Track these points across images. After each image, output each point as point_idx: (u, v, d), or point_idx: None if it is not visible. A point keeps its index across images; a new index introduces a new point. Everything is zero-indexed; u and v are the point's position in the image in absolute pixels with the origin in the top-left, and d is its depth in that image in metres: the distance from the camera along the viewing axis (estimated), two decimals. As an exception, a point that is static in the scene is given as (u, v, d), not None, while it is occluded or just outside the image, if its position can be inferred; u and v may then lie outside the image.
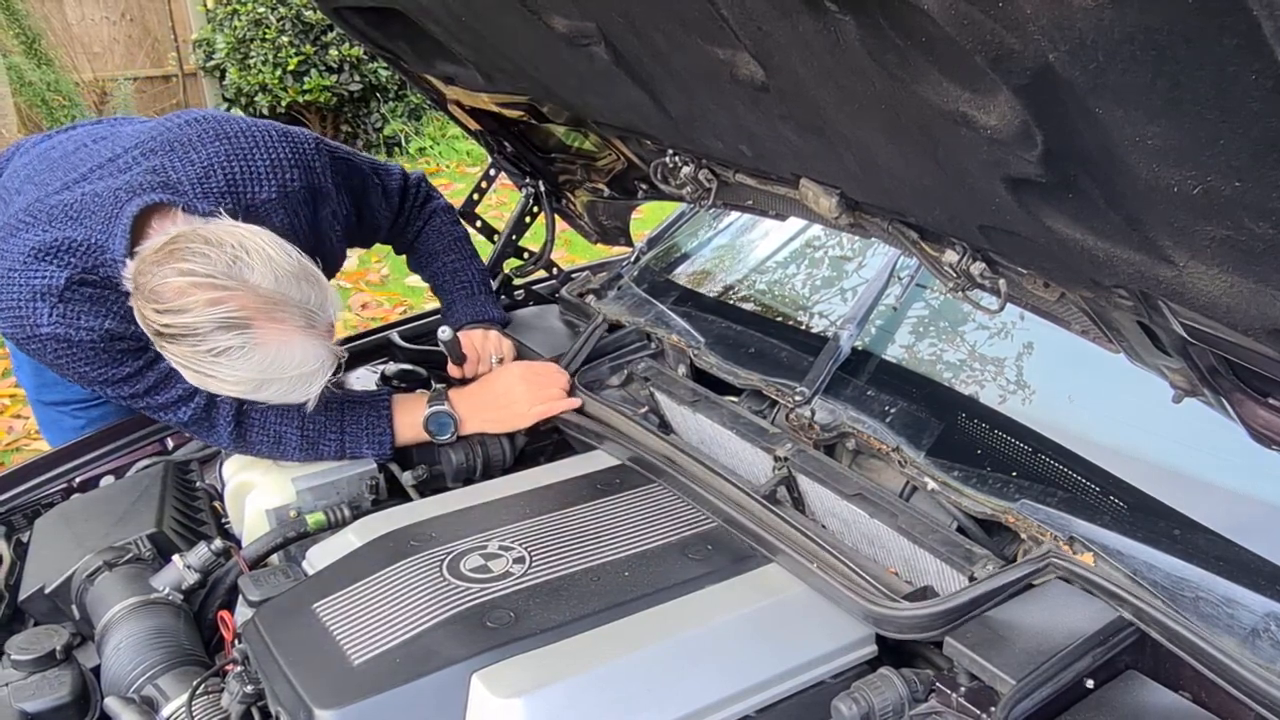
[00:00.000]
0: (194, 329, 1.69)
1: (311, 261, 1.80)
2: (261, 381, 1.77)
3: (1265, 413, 1.27)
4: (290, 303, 1.74)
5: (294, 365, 1.77)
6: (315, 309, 1.78)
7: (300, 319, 1.76)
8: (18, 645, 1.67)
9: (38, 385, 2.54)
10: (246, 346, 1.71)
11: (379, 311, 6.01)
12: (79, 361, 1.90)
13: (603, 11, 1.47)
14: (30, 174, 2.07)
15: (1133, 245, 1.09)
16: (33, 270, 1.84)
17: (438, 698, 1.42)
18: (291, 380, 1.79)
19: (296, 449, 2.08)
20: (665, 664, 1.49)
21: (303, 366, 1.78)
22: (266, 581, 1.72)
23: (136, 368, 1.94)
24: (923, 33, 0.96)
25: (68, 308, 1.85)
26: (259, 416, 2.05)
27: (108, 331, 1.88)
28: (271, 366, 1.75)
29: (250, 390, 1.78)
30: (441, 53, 2.15)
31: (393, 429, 2.12)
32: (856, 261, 2.48)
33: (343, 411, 2.10)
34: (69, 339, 1.87)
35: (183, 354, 1.73)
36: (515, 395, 2.16)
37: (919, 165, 1.28)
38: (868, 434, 1.90)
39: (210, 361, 1.71)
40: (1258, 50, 0.72)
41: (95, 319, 1.87)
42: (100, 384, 1.95)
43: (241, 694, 1.53)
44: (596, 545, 1.73)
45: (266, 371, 1.75)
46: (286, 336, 1.74)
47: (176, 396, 1.99)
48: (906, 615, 1.52)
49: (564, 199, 2.83)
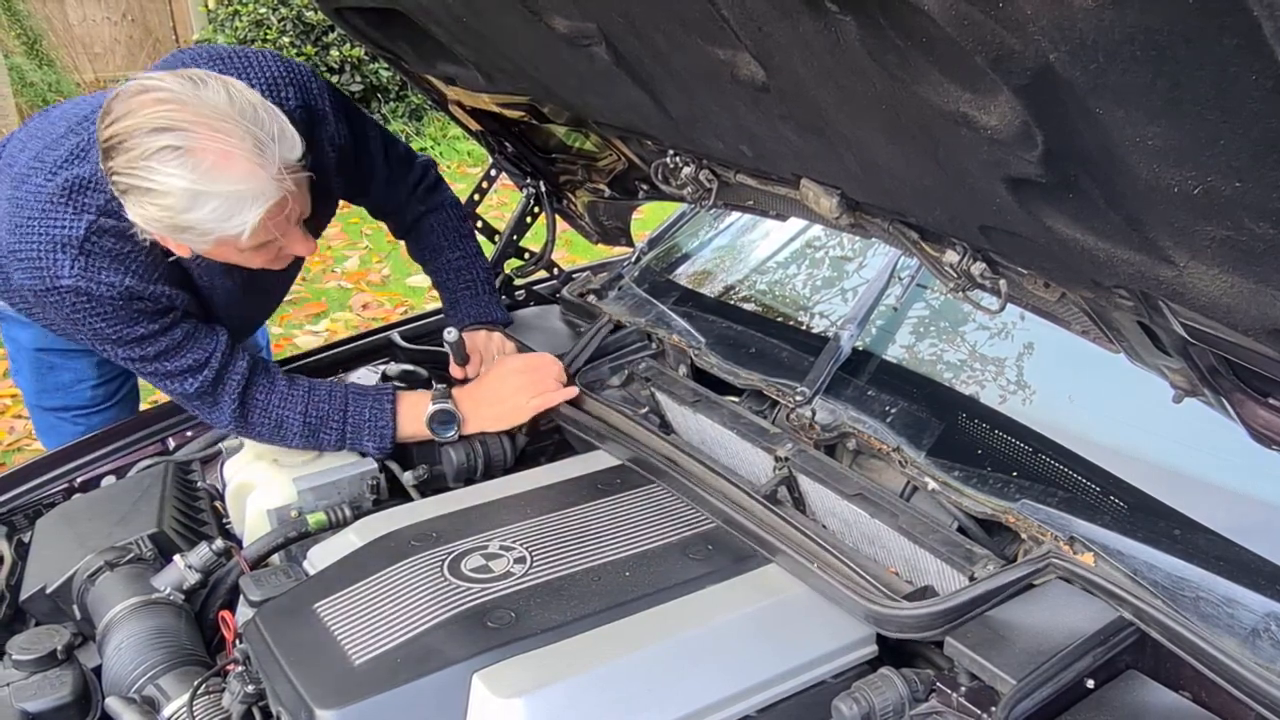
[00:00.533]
0: (133, 131, 1.66)
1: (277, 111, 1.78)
2: (196, 194, 1.69)
3: (1265, 413, 1.27)
4: (240, 122, 1.71)
5: (231, 180, 1.70)
6: (267, 138, 1.73)
7: (248, 140, 1.71)
8: (19, 645, 1.67)
9: (38, 390, 2.55)
10: (183, 150, 1.67)
11: (380, 311, 6.02)
12: (95, 317, 1.90)
13: (603, 12, 1.47)
14: (32, 132, 2.08)
15: (1133, 245, 1.09)
16: (51, 219, 1.85)
17: (439, 698, 1.42)
18: (227, 198, 1.71)
19: (298, 435, 2.09)
20: (666, 664, 1.49)
21: (240, 184, 1.71)
22: (268, 581, 1.72)
23: (150, 330, 1.95)
24: (923, 33, 0.97)
25: (89, 260, 1.85)
26: (263, 398, 2.07)
27: (127, 289, 1.89)
28: (206, 177, 1.69)
29: (184, 205, 1.71)
30: (442, 53, 2.15)
31: (395, 423, 2.12)
32: (857, 262, 2.48)
33: (346, 402, 2.11)
34: (89, 293, 1.87)
35: (121, 166, 1.69)
36: (513, 389, 2.16)
37: (919, 165, 1.28)
38: (868, 434, 1.90)
39: (143, 165, 1.67)
40: (1258, 50, 0.72)
41: (116, 274, 1.88)
42: (113, 343, 1.95)
43: (243, 694, 1.53)
44: (597, 545, 1.73)
45: (201, 183, 1.69)
46: (228, 152, 1.70)
47: (186, 366, 2.01)
48: (907, 615, 1.52)
49: (565, 199, 2.83)
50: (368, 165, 2.30)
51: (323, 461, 2.13)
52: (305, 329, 5.63)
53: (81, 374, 2.47)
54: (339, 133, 2.14)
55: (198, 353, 2.02)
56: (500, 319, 2.47)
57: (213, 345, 2.04)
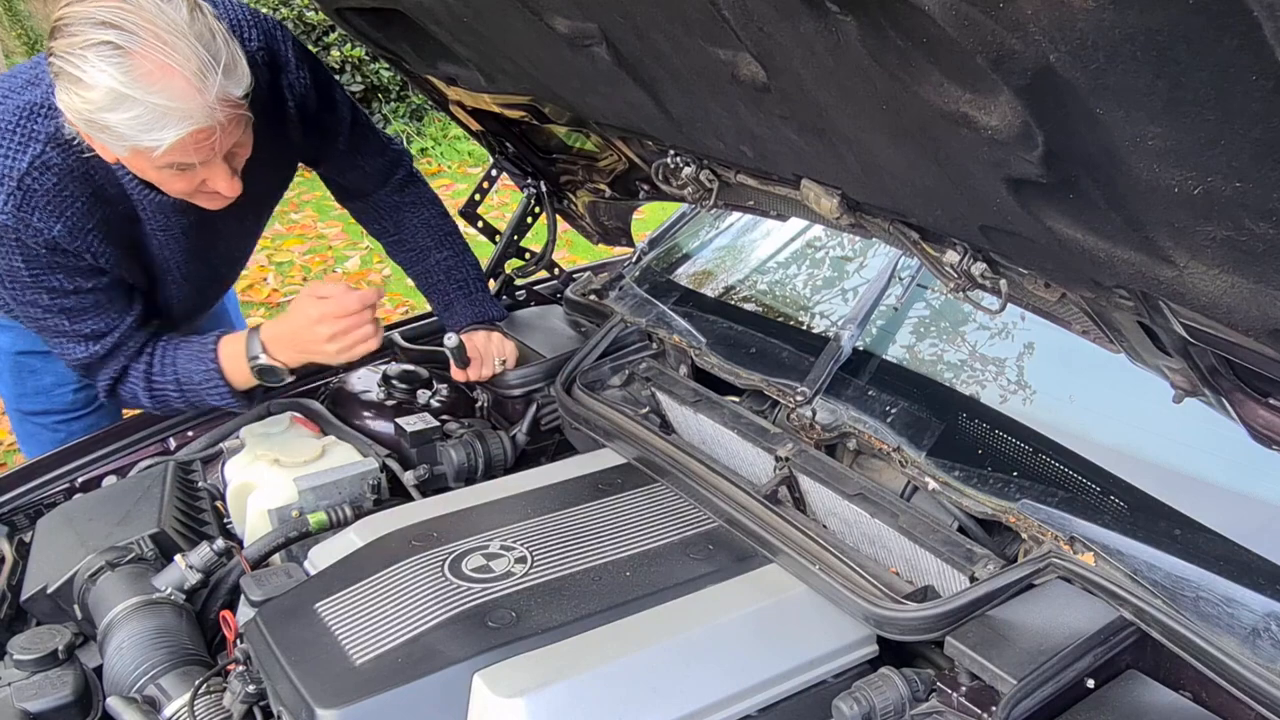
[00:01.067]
0: (80, 19, 1.66)
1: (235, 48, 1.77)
2: (121, 96, 1.68)
3: (1265, 412, 1.27)
4: (190, 42, 1.69)
5: (160, 94, 1.68)
6: (213, 64, 1.72)
7: (193, 62, 1.69)
8: (20, 645, 1.67)
9: (18, 394, 2.54)
10: (123, 52, 1.66)
11: (380, 312, 6.02)
12: (15, 255, 1.91)
13: (604, 13, 1.47)
14: None
15: (1133, 246, 1.09)
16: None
17: (440, 697, 1.43)
18: (151, 109, 1.69)
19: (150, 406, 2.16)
20: (667, 663, 1.50)
21: (168, 101, 1.70)
22: (269, 581, 1.72)
23: (63, 286, 1.96)
24: (924, 34, 0.97)
25: (24, 198, 1.85)
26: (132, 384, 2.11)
27: (54, 239, 1.90)
28: (138, 85, 1.67)
29: (106, 104, 1.69)
30: (443, 53, 2.15)
31: (226, 382, 2.11)
32: (858, 262, 2.48)
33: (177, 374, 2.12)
34: (17, 233, 1.88)
35: (60, 48, 1.68)
36: (315, 337, 2.06)
37: (920, 166, 1.28)
38: (869, 434, 1.91)
39: (79, 54, 1.66)
40: (1258, 51, 0.72)
41: (48, 219, 1.88)
42: (24, 286, 1.96)
43: (244, 693, 1.54)
44: (598, 545, 1.74)
45: (132, 87, 1.67)
46: (168, 66, 1.68)
47: (85, 332, 2.03)
48: (908, 617, 1.53)
49: (566, 199, 2.84)
50: (331, 124, 2.27)
51: (324, 461, 2.14)
52: (307, 328, 5.64)
53: (63, 378, 2.47)
54: (300, 81, 2.12)
55: (101, 323, 2.03)
56: (497, 315, 2.47)
57: (118, 320, 2.06)
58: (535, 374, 2.34)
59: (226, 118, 1.77)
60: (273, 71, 2.05)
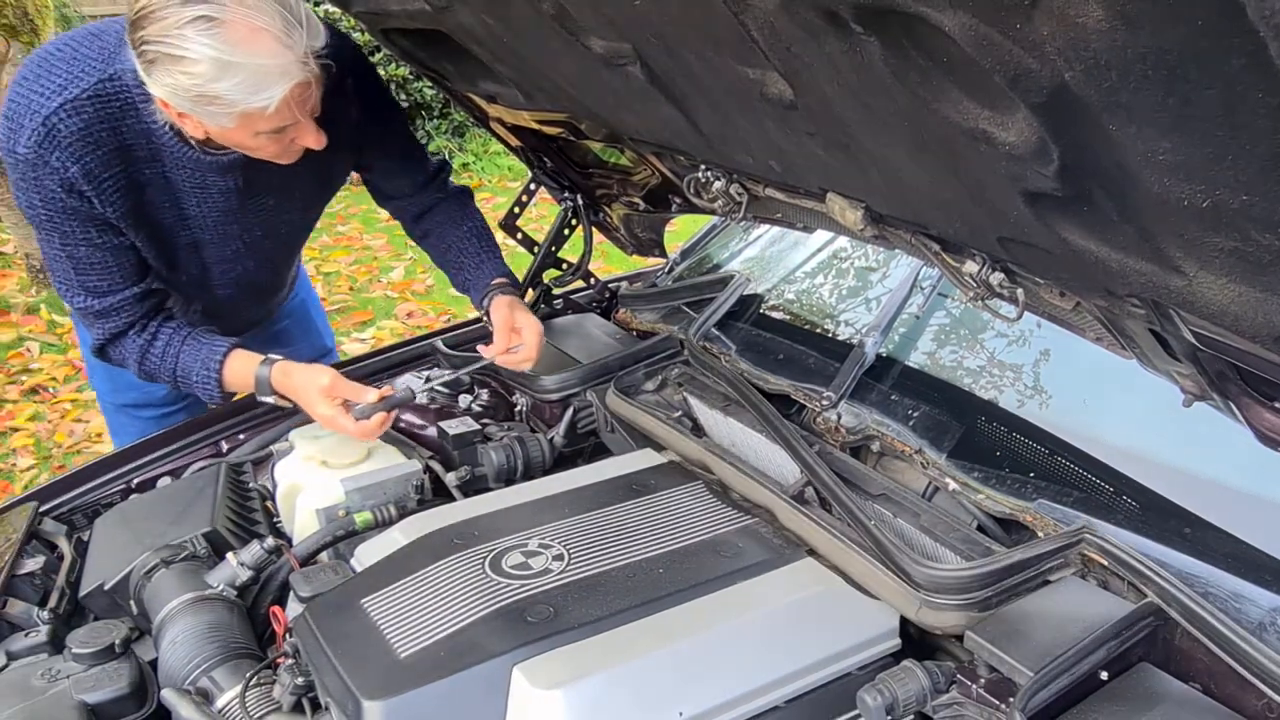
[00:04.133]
0: (167, 2, 1.70)
1: None
2: (225, 64, 1.73)
3: (1271, 416, 1.27)
4: (270, 4, 1.74)
5: (260, 55, 1.74)
6: (295, 21, 1.76)
7: (277, 20, 1.74)
8: (79, 639, 1.70)
9: (113, 389, 2.58)
10: (215, 20, 1.70)
11: (424, 320, 6.06)
12: (34, 192, 1.95)
13: (638, 33, 1.48)
14: None
15: (1145, 256, 1.10)
16: (40, 83, 1.89)
17: (481, 689, 1.44)
18: (255, 71, 1.75)
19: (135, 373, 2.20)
20: (697, 657, 1.50)
21: (268, 59, 1.75)
22: (317, 578, 1.74)
23: (74, 233, 2.00)
24: (944, 53, 0.98)
25: (47, 136, 1.89)
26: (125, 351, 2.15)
27: (68, 180, 1.93)
28: (237, 49, 1.73)
29: (213, 75, 1.74)
30: (484, 72, 2.16)
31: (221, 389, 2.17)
32: (881, 272, 2.49)
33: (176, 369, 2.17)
34: (35, 169, 1.92)
35: (152, 35, 1.72)
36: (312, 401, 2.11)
37: (941, 180, 1.29)
38: (892, 437, 1.92)
39: (176, 34, 1.70)
40: (1264, 70, 0.73)
41: (64, 159, 1.91)
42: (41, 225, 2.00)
43: (293, 685, 1.56)
44: (632, 543, 1.74)
45: (232, 53, 1.72)
46: (258, 27, 1.73)
47: (86, 285, 2.07)
48: (953, 575, 1.53)
49: (601, 212, 2.84)
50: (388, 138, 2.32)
51: (369, 463, 2.15)
52: (352, 337, 5.69)
53: None
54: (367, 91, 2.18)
55: (104, 282, 2.06)
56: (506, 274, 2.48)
57: (121, 285, 2.10)
58: (572, 379, 2.36)
59: (317, 68, 1.82)
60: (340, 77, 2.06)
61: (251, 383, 2.15)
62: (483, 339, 2.55)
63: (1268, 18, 0.68)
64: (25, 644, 1.79)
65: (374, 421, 2.09)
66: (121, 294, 2.11)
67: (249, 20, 1.73)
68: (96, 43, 1.94)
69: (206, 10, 1.71)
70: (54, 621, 1.86)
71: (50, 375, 5.38)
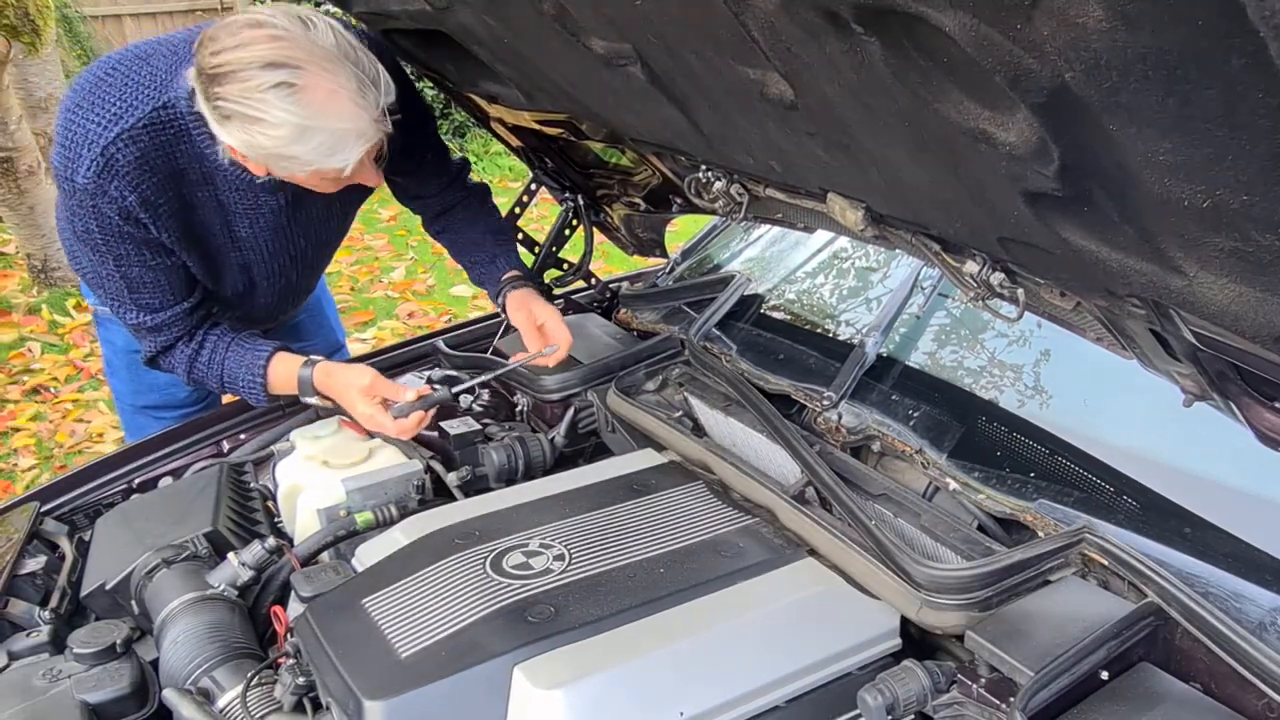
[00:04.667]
0: (246, 64, 1.72)
1: None
2: (305, 129, 1.77)
3: (1271, 416, 1.27)
4: (345, 62, 1.76)
5: (338, 118, 1.77)
6: (368, 80, 1.78)
7: (352, 80, 1.77)
8: (80, 639, 1.70)
9: (134, 390, 2.60)
10: (296, 86, 1.73)
11: (425, 320, 6.08)
12: (91, 219, 1.97)
13: (639, 34, 1.48)
14: None
15: (1145, 256, 1.10)
16: (95, 112, 1.91)
17: (482, 689, 1.44)
18: (333, 134, 1.79)
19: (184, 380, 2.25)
20: (698, 657, 1.50)
21: (346, 122, 1.78)
22: (318, 578, 1.74)
23: (129, 255, 2.02)
24: (944, 54, 0.98)
25: (106, 167, 1.90)
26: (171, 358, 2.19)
27: (127, 208, 1.95)
28: (317, 114, 1.75)
29: (291, 138, 1.78)
30: (485, 73, 2.17)
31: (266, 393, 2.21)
32: (881, 272, 2.49)
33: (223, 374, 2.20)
34: (94, 198, 1.93)
35: (230, 93, 1.74)
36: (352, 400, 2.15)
37: (941, 180, 1.29)
38: (892, 436, 1.93)
39: (257, 98, 1.73)
40: (1264, 70, 0.73)
41: (122, 188, 1.93)
42: (98, 249, 2.03)
43: (294, 685, 1.56)
44: (633, 543, 1.74)
45: (312, 119, 1.75)
46: (336, 89, 1.75)
47: (139, 303, 2.11)
48: (953, 575, 1.53)
49: (602, 212, 2.85)
50: (420, 141, 2.34)
51: (370, 463, 2.15)
52: (353, 337, 5.68)
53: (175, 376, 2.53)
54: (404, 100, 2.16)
55: (156, 299, 2.10)
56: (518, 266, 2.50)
57: (172, 301, 2.13)
58: (573, 379, 2.36)
59: (388, 128, 1.85)
60: None
61: (295, 384, 2.19)
62: (487, 337, 2.57)
63: (1268, 18, 0.68)
64: (27, 644, 1.79)
65: (411, 420, 2.12)
66: (173, 309, 2.15)
67: (326, 83, 1.76)
68: (146, 68, 1.95)
69: (287, 76, 1.73)
70: (55, 621, 1.86)
71: (52, 375, 5.39)
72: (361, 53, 1.82)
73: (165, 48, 1.97)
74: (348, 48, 1.79)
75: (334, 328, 2.99)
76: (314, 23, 1.78)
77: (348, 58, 1.78)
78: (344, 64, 1.77)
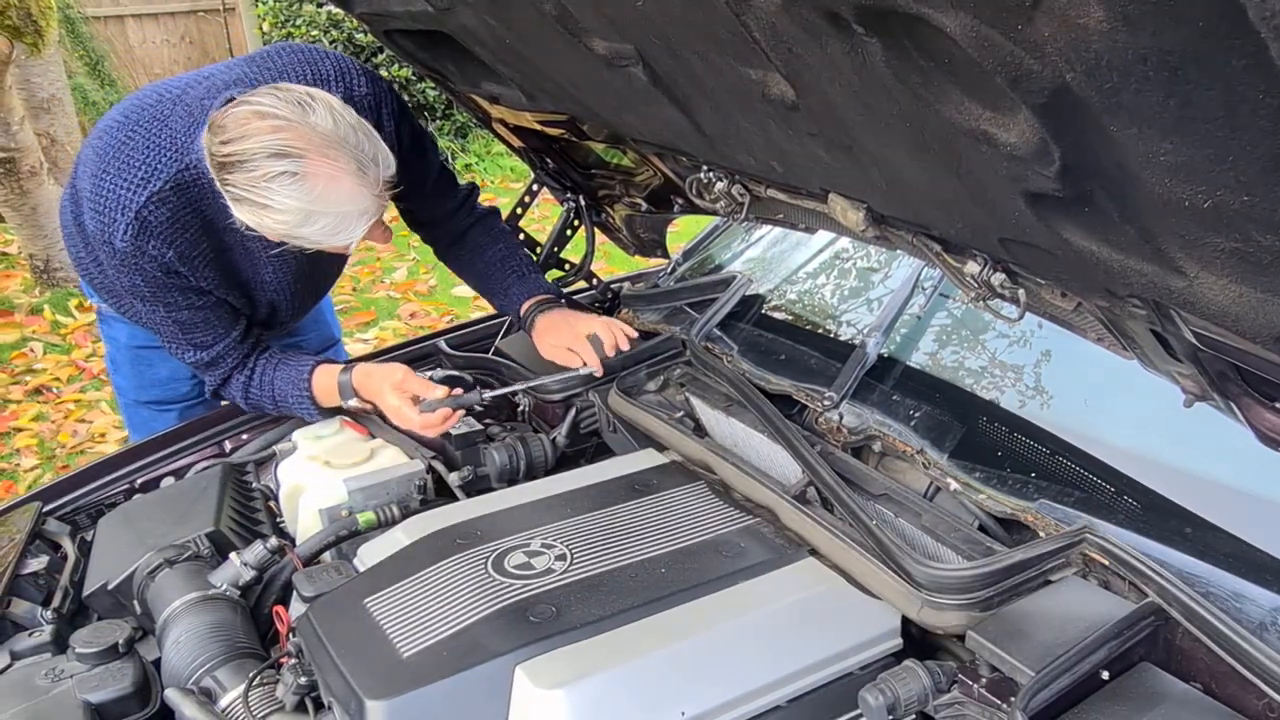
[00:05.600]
0: (252, 154, 1.77)
1: None
2: (309, 213, 1.84)
3: (1272, 416, 1.27)
4: (345, 145, 1.81)
5: (341, 202, 1.84)
6: (368, 159, 1.84)
7: (352, 163, 1.83)
8: (82, 639, 1.71)
9: (137, 386, 2.63)
10: (298, 174, 1.79)
11: (427, 320, 6.09)
12: (136, 275, 2.06)
13: (641, 34, 1.48)
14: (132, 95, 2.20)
15: (1146, 257, 1.10)
16: (123, 176, 1.98)
17: (483, 689, 1.44)
18: (337, 217, 1.86)
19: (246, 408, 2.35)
20: (700, 656, 1.50)
21: (348, 205, 1.85)
22: (320, 578, 1.74)
23: (177, 301, 2.10)
24: (945, 55, 0.99)
25: (141, 229, 1.99)
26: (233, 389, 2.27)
27: (167, 264, 2.03)
28: (320, 200, 1.82)
29: (298, 222, 1.86)
30: (487, 73, 2.18)
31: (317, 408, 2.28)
32: (882, 273, 2.49)
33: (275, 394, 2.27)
34: (135, 258, 2.01)
35: (239, 182, 1.81)
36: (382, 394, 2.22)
37: (942, 181, 1.29)
38: (893, 437, 1.93)
39: (264, 187, 1.79)
40: (1265, 71, 0.73)
41: (160, 246, 2.01)
42: (146, 300, 2.11)
43: (296, 685, 1.57)
44: (634, 543, 1.74)
45: (315, 204, 1.82)
46: (337, 174, 1.81)
47: (194, 341, 2.19)
48: (955, 575, 1.53)
49: (603, 213, 2.85)
50: (423, 171, 2.38)
51: (372, 463, 2.16)
52: (355, 337, 5.70)
53: (176, 370, 2.57)
54: (404, 134, 2.25)
55: (208, 335, 2.18)
56: (553, 291, 2.54)
57: (223, 334, 2.20)
58: (574, 379, 2.37)
59: (388, 199, 1.92)
60: (378, 115, 2.17)
61: (336, 390, 2.26)
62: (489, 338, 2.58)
63: (1268, 19, 0.68)
64: (29, 644, 1.80)
65: (437, 416, 2.17)
66: (224, 341, 2.24)
67: (328, 169, 1.82)
68: (166, 131, 2.02)
69: (289, 166, 1.80)
70: (57, 621, 1.87)
71: (54, 376, 5.39)
72: (360, 132, 1.88)
73: (181, 108, 2.04)
74: (346, 129, 1.85)
75: (329, 323, 3.01)
76: (313, 106, 1.83)
77: (347, 141, 1.84)
78: (344, 148, 1.83)
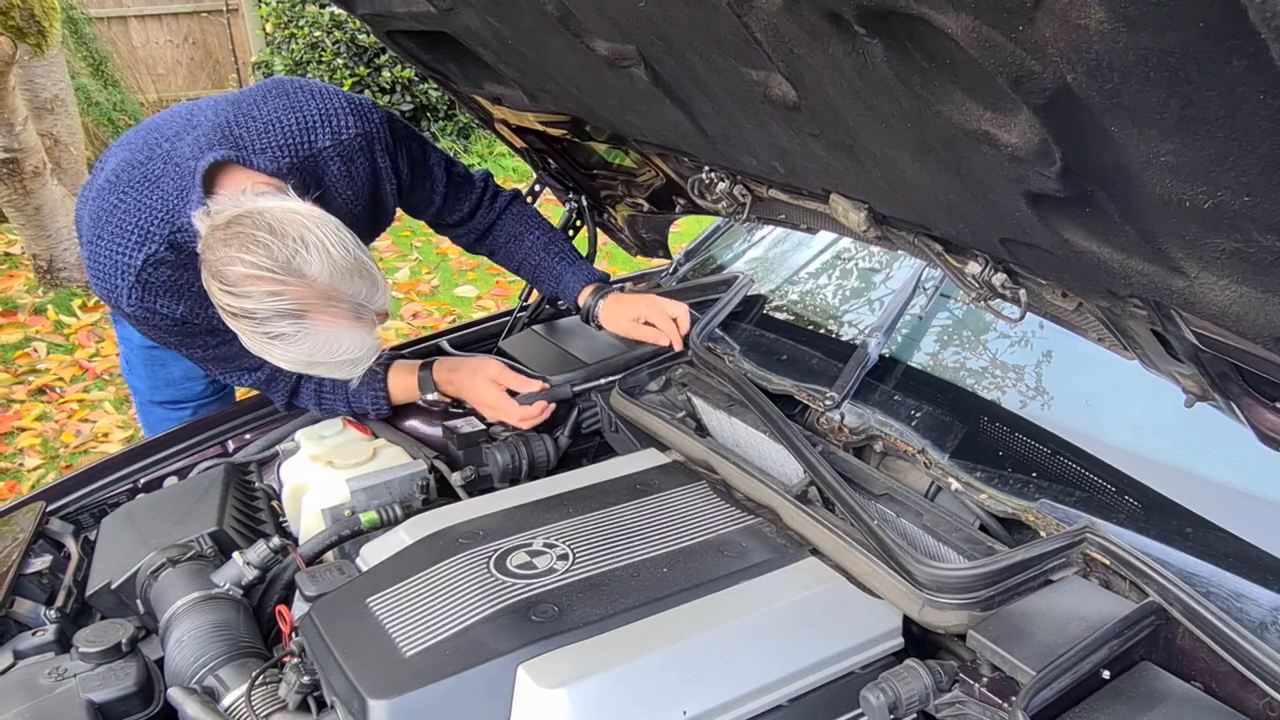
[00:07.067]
0: (253, 313, 1.78)
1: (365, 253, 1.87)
2: (310, 363, 1.86)
3: (1272, 416, 1.27)
4: (342, 296, 1.81)
5: (341, 352, 1.85)
6: (364, 302, 1.84)
7: (350, 311, 1.83)
8: (85, 638, 1.72)
9: (151, 386, 2.64)
10: (300, 334, 1.79)
11: (429, 320, 6.09)
12: (158, 330, 2.08)
13: (643, 35, 1.48)
14: (126, 140, 2.20)
15: (1146, 257, 1.10)
16: (117, 242, 1.98)
17: (486, 688, 1.44)
18: (338, 364, 1.88)
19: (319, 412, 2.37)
20: (702, 656, 1.50)
21: (349, 354, 1.86)
22: (322, 577, 1.74)
23: (206, 342, 2.11)
24: (947, 55, 0.99)
25: (145, 290, 1.99)
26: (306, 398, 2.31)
27: (180, 317, 2.04)
28: (320, 352, 1.83)
29: (300, 368, 1.89)
30: (489, 74, 2.18)
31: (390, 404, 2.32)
32: (884, 273, 2.50)
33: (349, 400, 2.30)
34: (148, 317, 2.03)
35: (242, 330, 1.82)
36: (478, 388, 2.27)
37: (943, 181, 1.29)
38: (895, 437, 1.93)
39: (265, 342, 1.81)
40: (1265, 71, 0.73)
41: (170, 303, 2.02)
42: (180, 346, 2.15)
43: (298, 684, 1.57)
44: (636, 542, 1.74)
45: (316, 355, 1.83)
46: (336, 326, 1.82)
47: (243, 366, 2.20)
48: (956, 575, 1.54)
49: (605, 213, 2.85)
50: (429, 189, 2.38)
51: (375, 463, 2.16)
52: (357, 337, 5.70)
53: (190, 370, 2.57)
54: (398, 160, 2.24)
55: (251, 358, 2.10)
56: (601, 276, 2.52)
57: None
58: (577, 379, 2.37)
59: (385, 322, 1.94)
60: (370, 154, 2.16)
61: (414, 386, 2.32)
62: (492, 338, 2.59)
63: (1269, 20, 0.68)
64: (32, 643, 1.80)
65: (535, 408, 2.27)
66: None
67: (327, 320, 1.82)
68: (157, 192, 2.02)
69: (287, 327, 1.79)
70: (61, 620, 1.87)
71: (57, 375, 5.40)
72: (356, 271, 1.83)
73: (171, 168, 2.02)
74: (341, 276, 1.80)
75: None
76: (307, 257, 1.77)
77: (342, 291, 1.81)
78: (341, 298, 1.82)
